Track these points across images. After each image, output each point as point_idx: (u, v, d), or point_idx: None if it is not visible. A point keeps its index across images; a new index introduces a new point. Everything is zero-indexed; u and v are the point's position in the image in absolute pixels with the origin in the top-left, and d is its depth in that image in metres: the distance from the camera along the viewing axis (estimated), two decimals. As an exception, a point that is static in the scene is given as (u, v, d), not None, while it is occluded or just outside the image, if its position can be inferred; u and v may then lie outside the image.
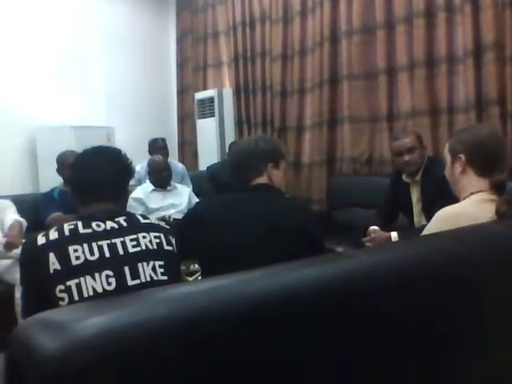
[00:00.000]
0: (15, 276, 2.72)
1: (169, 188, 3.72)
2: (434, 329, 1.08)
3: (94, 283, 1.28)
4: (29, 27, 4.53)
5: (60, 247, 1.31)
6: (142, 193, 3.61)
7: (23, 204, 3.29)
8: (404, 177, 2.72)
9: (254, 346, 0.85)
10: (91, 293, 1.28)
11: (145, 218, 1.50)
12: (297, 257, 1.04)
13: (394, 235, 2.23)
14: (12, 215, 3.09)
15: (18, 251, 2.79)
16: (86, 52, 4.91)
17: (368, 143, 3.85)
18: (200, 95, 5.15)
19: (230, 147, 4.52)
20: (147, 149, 4.37)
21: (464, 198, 1.54)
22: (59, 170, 3.43)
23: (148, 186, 3.69)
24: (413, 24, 3.43)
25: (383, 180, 3.09)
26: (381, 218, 2.78)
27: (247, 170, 1.75)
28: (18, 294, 2.68)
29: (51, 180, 3.74)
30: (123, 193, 1.55)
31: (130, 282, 1.32)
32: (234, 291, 0.91)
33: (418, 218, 2.68)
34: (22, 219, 3.10)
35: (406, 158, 2.60)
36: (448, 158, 1.63)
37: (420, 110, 3.43)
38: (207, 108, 5.05)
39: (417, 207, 2.69)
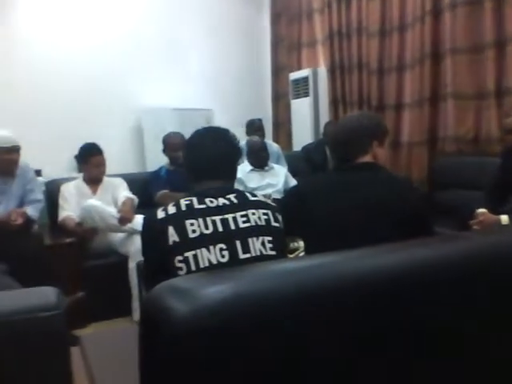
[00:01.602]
0: (129, 248, 2.95)
1: (266, 168, 3.79)
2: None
3: (209, 255, 1.37)
4: (135, 18, 4.81)
5: (178, 221, 1.41)
6: (240, 172, 3.70)
7: (133, 182, 3.52)
8: (516, 157, 2.55)
9: (371, 323, 0.87)
10: (207, 264, 1.36)
11: (253, 195, 1.56)
12: (406, 239, 1.03)
13: (504, 218, 2.11)
14: (124, 192, 3.34)
15: (130, 225, 3.03)
16: (185, 37, 5.10)
17: (474, 121, 3.62)
18: (294, 75, 5.14)
19: (325, 127, 4.49)
20: (244, 130, 4.47)
21: None
22: (165, 151, 3.64)
23: (246, 166, 3.79)
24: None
25: (491, 160, 2.93)
26: (489, 201, 2.62)
27: (351, 148, 1.69)
28: (131, 264, 2.91)
29: (156, 159, 3.98)
30: (232, 171, 1.62)
31: (242, 256, 1.39)
32: (348, 268, 0.92)
33: (532, 201, 2.50)
34: (133, 196, 3.34)
35: (519, 136, 2.43)
36: None
37: (533, 84, 3.17)
38: (302, 88, 5.03)
39: (531, 190, 2.51)
